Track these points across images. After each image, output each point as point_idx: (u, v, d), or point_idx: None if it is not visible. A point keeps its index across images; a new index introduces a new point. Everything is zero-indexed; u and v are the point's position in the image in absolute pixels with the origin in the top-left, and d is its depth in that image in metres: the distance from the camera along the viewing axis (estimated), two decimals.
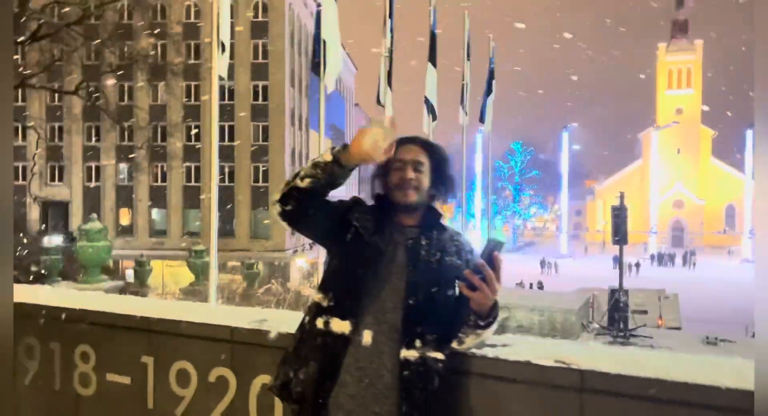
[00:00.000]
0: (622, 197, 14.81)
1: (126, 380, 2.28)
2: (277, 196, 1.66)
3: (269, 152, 36.86)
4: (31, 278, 12.63)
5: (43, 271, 13.95)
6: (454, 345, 1.65)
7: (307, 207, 1.64)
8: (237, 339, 2.07)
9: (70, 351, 2.42)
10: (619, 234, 14.32)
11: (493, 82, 14.75)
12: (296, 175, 1.66)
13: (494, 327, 1.62)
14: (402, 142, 1.75)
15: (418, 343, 1.58)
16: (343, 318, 1.60)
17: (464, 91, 13.54)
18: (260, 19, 36.87)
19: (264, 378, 2.01)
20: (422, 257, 1.65)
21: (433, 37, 12.39)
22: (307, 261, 32.93)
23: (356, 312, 1.60)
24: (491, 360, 1.68)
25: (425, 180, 1.74)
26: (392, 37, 10.52)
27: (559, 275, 43.36)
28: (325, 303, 1.65)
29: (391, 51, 10.51)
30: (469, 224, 36.94)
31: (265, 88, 36.95)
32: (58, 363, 2.45)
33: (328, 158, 1.63)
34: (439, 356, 1.62)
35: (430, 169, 1.75)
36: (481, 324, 1.58)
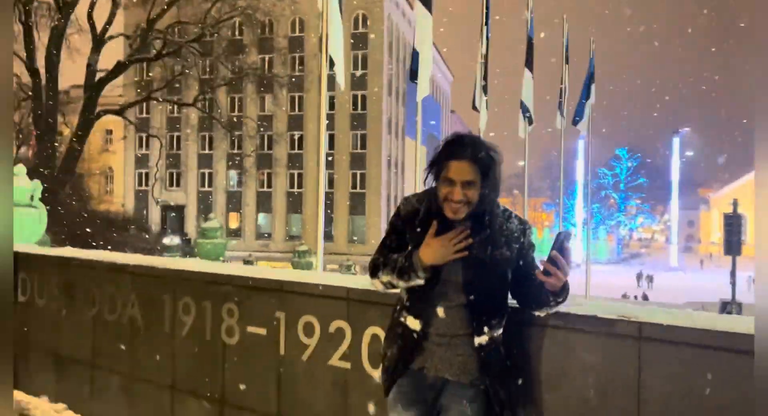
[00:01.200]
0: (735, 204, 14.06)
1: (262, 331, 2.82)
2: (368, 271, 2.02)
3: (366, 159, 37.98)
4: None
5: None
6: (536, 313, 1.99)
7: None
8: (352, 297, 2.53)
9: (219, 308, 3.00)
10: (731, 244, 13.59)
11: (593, 86, 14.53)
12: (377, 267, 1.95)
13: (565, 300, 1.93)
14: (453, 153, 1.85)
15: (486, 329, 1.89)
16: (415, 317, 1.93)
17: (562, 95, 13.49)
18: (360, 30, 38.20)
19: (374, 329, 2.45)
20: (475, 255, 1.86)
21: (530, 42, 12.51)
22: None
23: (425, 311, 1.92)
24: (563, 314, 2.01)
25: (475, 195, 1.84)
26: (488, 43, 10.78)
27: (654, 288, 40.89)
28: (404, 301, 2.00)
29: (486, 57, 10.78)
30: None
31: (363, 97, 38.17)
32: (209, 318, 3.05)
33: (403, 284, 1.91)
34: (501, 330, 1.95)
35: (479, 179, 1.84)
36: (559, 301, 1.90)
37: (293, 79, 36.05)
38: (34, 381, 4.06)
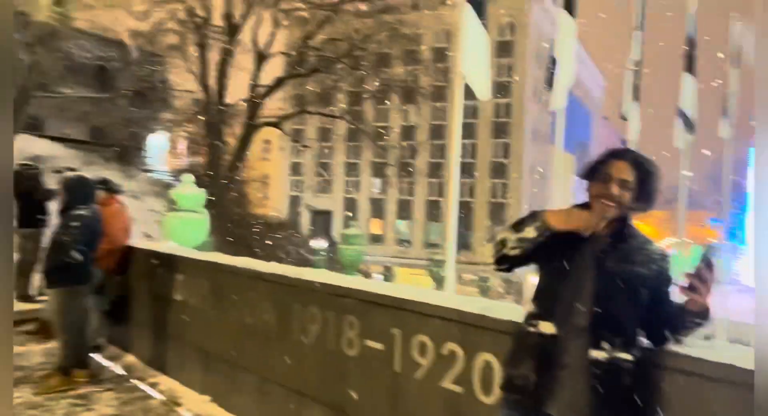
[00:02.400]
0: None
1: (380, 346, 2.89)
2: (492, 259, 2.02)
3: (508, 168, 37.17)
4: None
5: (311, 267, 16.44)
6: (673, 343, 1.84)
7: (517, 266, 1.99)
8: (466, 320, 2.50)
9: (340, 320, 3.13)
10: None
11: None
12: (503, 242, 1.95)
13: (706, 323, 1.78)
14: (613, 155, 1.94)
15: (606, 346, 1.79)
16: (548, 320, 1.88)
17: (728, 101, 12.14)
18: (506, 37, 37.59)
19: (486, 356, 2.40)
20: (610, 268, 1.83)
21: (691, 45, 11.44)
22: None
23: (556, 317, 1.87)
24: (695, 358, 1.81)
25: (628, 196, 1.87)
26: (642, 48, 10.06)
27: None
28: (533, 310, 1.96)
29: (639, 63, 10.06)
30: (738, 251, 32.07)
31: (506, 105, 37.46)
32: (331, 328, 3.19)
33: (532, 234, 1.88)
34: (628, 357, 1.81)
35: (635, 184, 1.88)
36: (699, 323, 1.76)
37: (436, 90, 36.45)
38: (186, 373, 4.53)
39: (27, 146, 19.32)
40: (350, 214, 39.80)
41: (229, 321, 4.05)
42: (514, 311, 2.39)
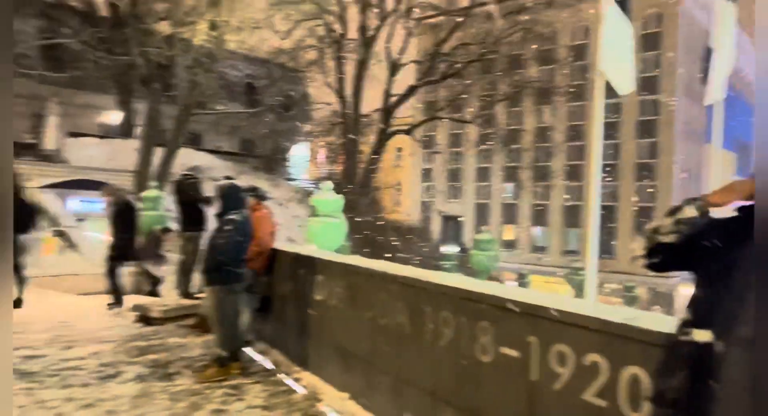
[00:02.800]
0: None
1: (515, 353, 2.81)
2: (642, 251, 1.81)
3: (656, 169, 34.45)
4: None
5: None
6: None
7: (671, 262, 1.80)
8: (610, 330, 2.34)
9: (474, 325, 3.09)
10: None
11: None
12: (656, 230, 1.77)
13: None
14: None
15: None
16: (702, 329, 1.69)
17: None
18: (652, 29, 34.97)
19: (633, 369, 2.23)
20: None
21: None
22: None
23: (714, 325, 1.67)
24: None
25: None
26: None
27: None
28: (688, 317, 1.77)
29: None
30: None
31: (653, 102, 34.78)
32: (465, 333, 3.16)
33: (691, 213, 1.71)
34: None
35: None
36: None
37: (574, 89, 34.83)
38: (325, 370, 4.75)
39: (188, 158, 21.54)
40: (481, 219, 39.28)
41: (364, 321, 4.18)
42: (663, 321, 2.20)
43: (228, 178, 7.96)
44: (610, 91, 5.05)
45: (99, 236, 12.69)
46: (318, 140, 33.34)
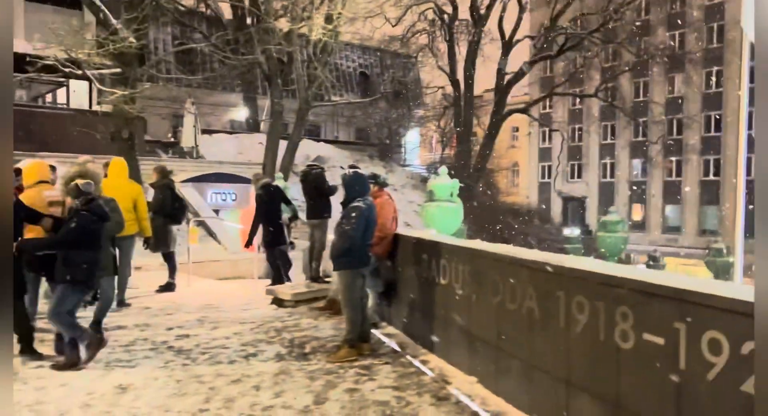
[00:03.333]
0: None
1: (660, 340, 2.64)
2: None
3: None
4: None
5: None
6: None
7: None
8: None
9: (612, 311, 2.94)
10: None
11: None
12: None
13: None
14: None
15: None
16: None
17: None
18: None
19: None
20: None
21: None
22: None
23: None
24: None
25: None
26: None
27: None
28: None
29: None
30: None
31: None
32: (602, 319, 3.02)
33: None
34: None
35: None
36: None
37: (709, 54, 31.72)
38: (452, 353, 4.78)
39: (309, 149, 22.51)
40: (606, 199, 37.14)
41: (491, 306, 4.14)
42: None
43: (352, 167, 8.22)
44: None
45: (233, 225, 13.69)
46: (430, 125, 33.32)
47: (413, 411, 3.90)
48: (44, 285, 5.57)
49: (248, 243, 8.62)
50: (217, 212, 15.67)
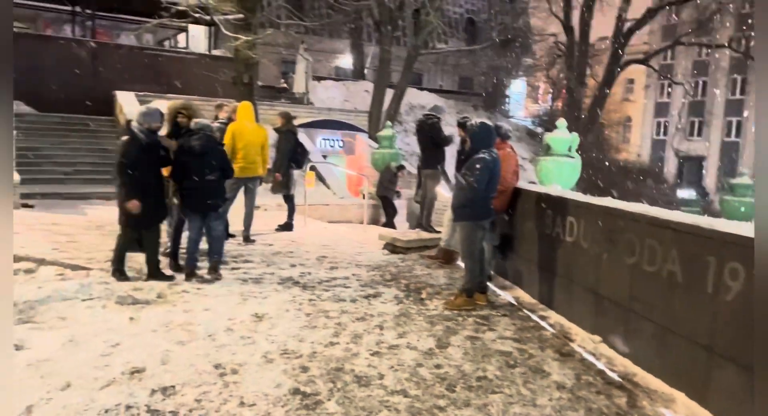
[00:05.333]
0: None
1: None
2: None
3: None
4: None
5: None
6: None
7: None
8: None
9: None
10: None
11: None
12: None
13: None
14: None
15: None
16: None
17: None
18: None
19: None
20: None
21: None
22: None
23: None
24: None
25: None
26: None
27: None
28: None
29: None
30: None
31: None
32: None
33: None
34: None
35: None
36: None
37: None
38: (574, 311, 4.74)
39: (412, 98, 22.39)
40: (729, 160, 34.17)
41: (624, 267, 4.03)
42: None
43: (429, 115, 8.12)
44: None
45: (342, 170, 14.08)
46: (539, 75, 31.87)
47: (537, 364, 3.95)
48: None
49: None
50: (324, 157, 16.14)
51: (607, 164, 25.49)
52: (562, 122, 9.18)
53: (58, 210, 9.34)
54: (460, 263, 6.38)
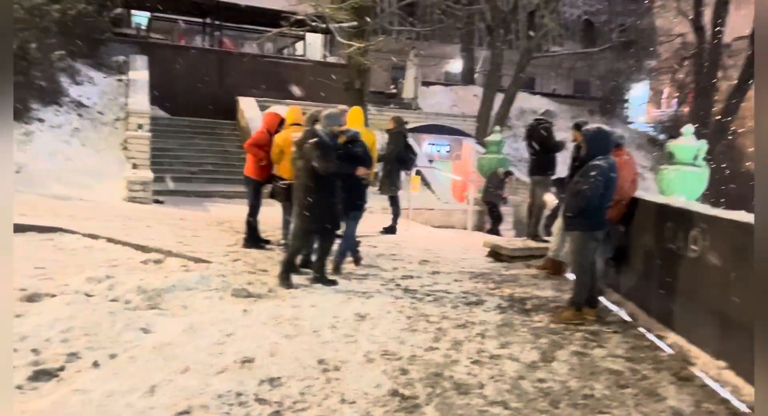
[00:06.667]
0: None
1: None
2: None
3: None
4: None
5: None
6: None
7: None
8: None
9: None
10: None
11: None
12: None
13: None
14: None
15: None
16: None
17: None
18: None
19: None
20: None
21: None
22: None
23: None
24: None
25: None
26: None
27: None
28: None
29: None
30: None
31: None
32: None
33: None
34: None
35: None
36: None
37: None
38: (696, 332, 4.36)
39: (524, 102, 21.85)
40: None
41: (758, 288, 3.64)
42: None
43: (539, 120, 7.79)
44: None
45: (447, 175, 14.04)
46: (663, 78, 29.82)
47: (651, 386, 3.68)
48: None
49: None
50: (430, 162, 16.18)
51: (740, 174, 23.29)
52: (688, 129, 8.54)
53: (184, 206, 10.14)
54: (569, 275, 6.12)
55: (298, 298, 5.25)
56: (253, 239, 7.07)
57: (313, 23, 11.79)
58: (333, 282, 5.71)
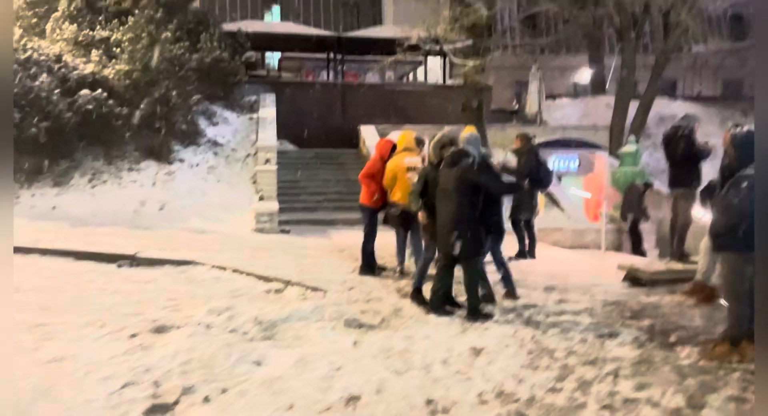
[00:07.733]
0: None
1: None
2: None
3: None
4: None
5: None
6: None
7: None
8: None
9: None
10: None
11: None
12: None
13: None
14: None
15: None
16: None
17: None
18: None
19: None
20: None
21: None
22: None
23: None
24: None
25: None
26: None
27: None
28: None
29: None
30: None
31: None
32: None
33: None
34: None
35: None
36: None
37: None
38: None
39: (663, 108, 20.07)
40: None
41: None
42: None
43: (677, 127, 6.84)
44: None
45: (579, 192, 13.16)
46: None
47: None
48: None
49: None
50: (559, 178, 15.29)
51: None
52: None
53: (309, 235, 10.43)
54: (723, 303, 5.27)
55: (411, 328, 5.04)
56: (369, 266, 7.00)
57: (427, 46, 11.77)
58: (488, 316, 5.31)
